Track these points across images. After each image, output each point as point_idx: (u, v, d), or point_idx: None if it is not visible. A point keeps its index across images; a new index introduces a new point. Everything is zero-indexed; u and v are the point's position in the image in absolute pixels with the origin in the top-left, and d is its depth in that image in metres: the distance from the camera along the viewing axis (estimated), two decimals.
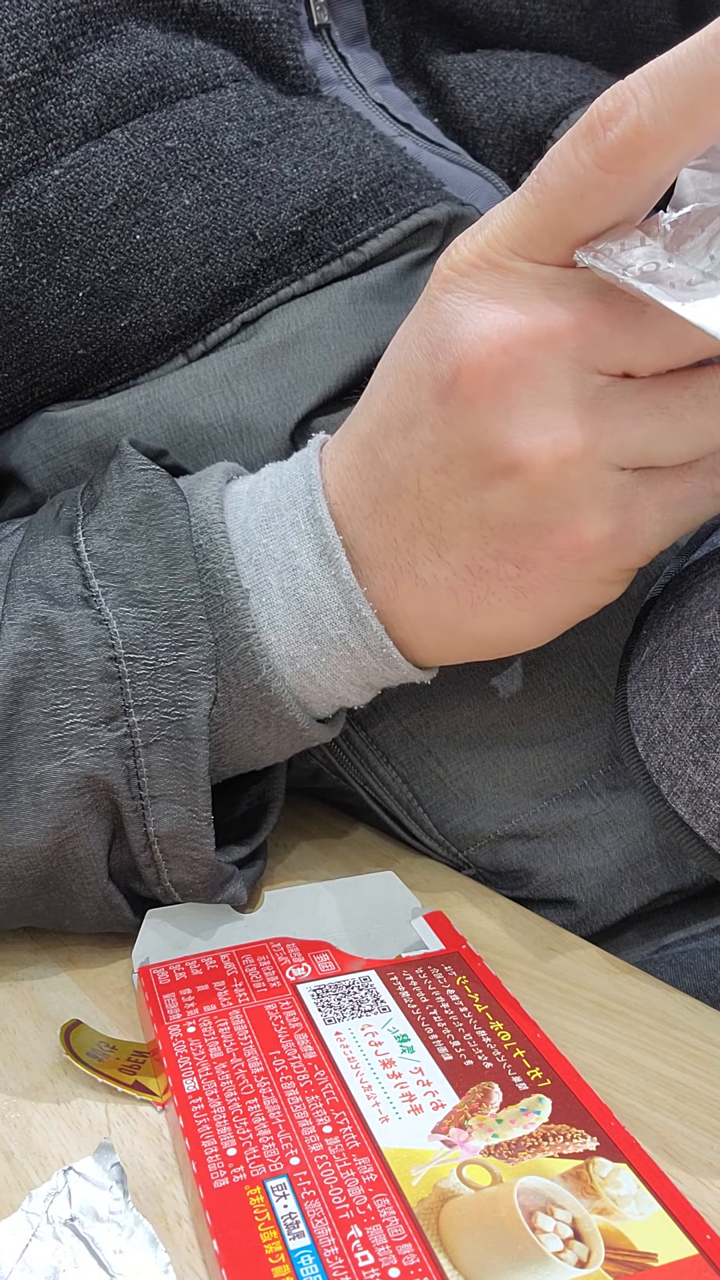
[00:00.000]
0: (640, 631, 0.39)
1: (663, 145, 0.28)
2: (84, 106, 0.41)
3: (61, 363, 0.44)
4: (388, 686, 0.40)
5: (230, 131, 0.43)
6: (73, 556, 0.38)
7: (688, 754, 0.34)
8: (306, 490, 0.37)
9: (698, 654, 0.35)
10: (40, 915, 0.40)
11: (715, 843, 0.34)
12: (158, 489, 0.38)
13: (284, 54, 0.45)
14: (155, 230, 0.42)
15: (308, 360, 0.43)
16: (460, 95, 0.48)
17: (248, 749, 0.39)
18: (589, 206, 0.30)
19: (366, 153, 0.44)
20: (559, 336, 0.31)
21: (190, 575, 0.37)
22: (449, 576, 0.35)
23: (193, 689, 0.37)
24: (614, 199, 0.29)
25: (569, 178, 0.30)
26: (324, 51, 0.47)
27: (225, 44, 0.44)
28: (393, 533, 0.35)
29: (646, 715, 0.36)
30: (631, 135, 0.28)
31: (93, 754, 0.36)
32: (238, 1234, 0.27)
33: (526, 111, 0.48)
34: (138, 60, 0.42)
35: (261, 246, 0.42)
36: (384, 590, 0.36)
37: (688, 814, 0.35)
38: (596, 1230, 0.27)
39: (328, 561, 0.36)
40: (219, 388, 0.43)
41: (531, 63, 0.49)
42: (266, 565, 0.37)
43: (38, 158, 0.41)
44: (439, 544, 0.35)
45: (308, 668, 0.38)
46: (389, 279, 0.44)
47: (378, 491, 0.35)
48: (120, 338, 0.43)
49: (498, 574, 0.34)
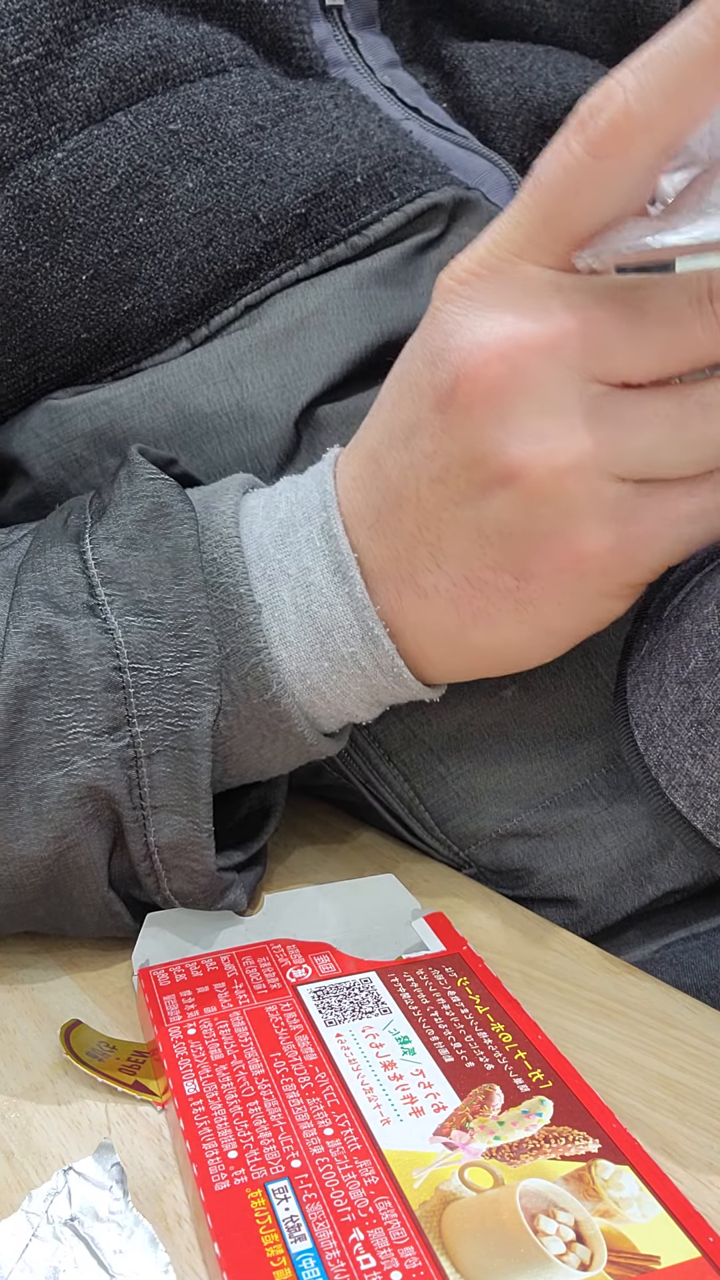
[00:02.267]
0: (640, 625, 0.39)
1: (651, 126, 0.28)
2: (87, 90, 0.41)
3: (65, 347, 0.44)
4: (395, 703, 0.40)
5: (234, 115, 0.42)
6: (79, 564, 0.38)
7: (686, 747, 0.34)
8: (321, 506, 0.37)
9: (696, 648, 0.34)
10: (40, 921, 0.40)
11: (713, 836, 0.34)
12: (166, 498, 0.38)
13: (291, 35, 0.45)
14: (158, 213, 0.42)
15: (312, 347, 0.42)
16: (475, 79, 0.48)
17: (254, 761, 0.39)
18: (586, 198, 0.30)
19: (371, 136, 0.44)
20: (557, 343, 0.31)
21: (196, 585, 0.37)
22: (449, 587, 0.35)
23: (197, 700, 0.36)
24: (609, 187, 0.30)
25: (563, 171, 0.30)
26: (334, 33, 0.46)
27: (230, 27, 0.44)
28: (395, 543, 0.35)
29: (645, 709, 0.36)
30: (620, 119, 0.28)
31: (95, 764, 0.36)
32: (239, 1237, 0.27)
33: (544, 98, 0.48)
34: (141, 44, 0.42)
35: (265, 229, 0.42)
36: (389, 602, 0.36)
37: (686, 807, 0.35)
38: (599, 1233, 0.27)
39: (341, 579, 0.36)
40: (223, 375, 0.43)
41: (546, 55, 0.49)
42: (280, 581, 0.37)
43: (41, 141, 0.41)
44: (438, 554, 0.35)
45: (318, 684, 0.37)
46: (393, 263, 0.44)
47: (380, 502, 0.35)
48: (123, 321, 0.43)
49: (496, 585, 0.34)
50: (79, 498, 0.42)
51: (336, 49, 0.46)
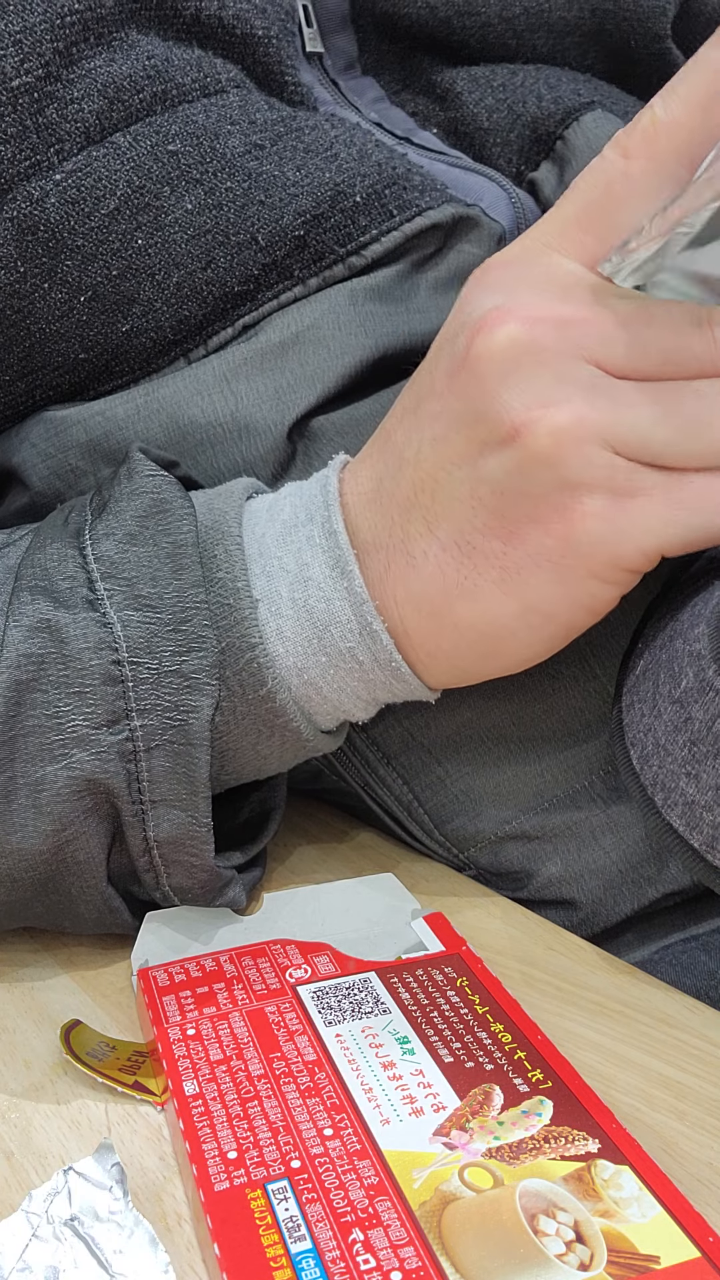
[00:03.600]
0: (635, 645, 0.39)
1: (675, 129, 0.32)
2: (86, 111, 0.41)
3: (62, 366, 0.44)
4: (392, 702, 0.40)
5: (232, 135, 0.43)
6: (79, 560, 0.38)
7: (680, 767, 0.34)
8: (324, 505, 0.37)
9: (687, 668, 0.35)
10: (39, 916, 0.40)
11: (709, 854, 0.34)
12: (165, 494, 0.38)
13: (282, 70, 0.46)
14: (157, 235, 0.42)
15: (307, 360, 0.43)
16: (468, 99, 0.49)
17: (251, 758, 0.39)
18: (615, 195, 0.33)
19: (369, 155, 0.44)
20: (570, 322, 0.33)
21: (195, 580, 0.37)
22: (438, 553, 0.35)
23: (195, 694, 0.37)
24: (637, 185, 0.32)
25: (595, 173, 0.33)
26: (318, 78, 0.47)
27: (225, 55, 0.44)
28: (390, 509, 0.36)
29: (640, 728, 0.36)
30: (648, 125, 0.32)
31: (94, 757, 0.36)
32: (239, 1237, 0.27)
33: (537, 111, 0.48)
34: (139, 64, 0.42)
35: (263, 251, 0.42)
36: (378, 574, 0.37)
37: (682, 826, 0.35)
38: (599, 1233, 0.27)
39: (340, 574, 0.36)
40: (218, 387, 0.43)
41: (537, 71, 0.50)
42: (279, 577, 0.37)
43: (40, 163, 0.41)
44: (431, 518, 0.35)
45: (315, 679, 0.38)
46: (389, 280, 0.44)
47: (383, 470, 0.37)
48: (121, 342, 0.43)
49: (484, 550, 0.35)
50: (80, 497, 0.42)
51: (322, 92, 0.48)
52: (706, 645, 0.34)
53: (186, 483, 0.42)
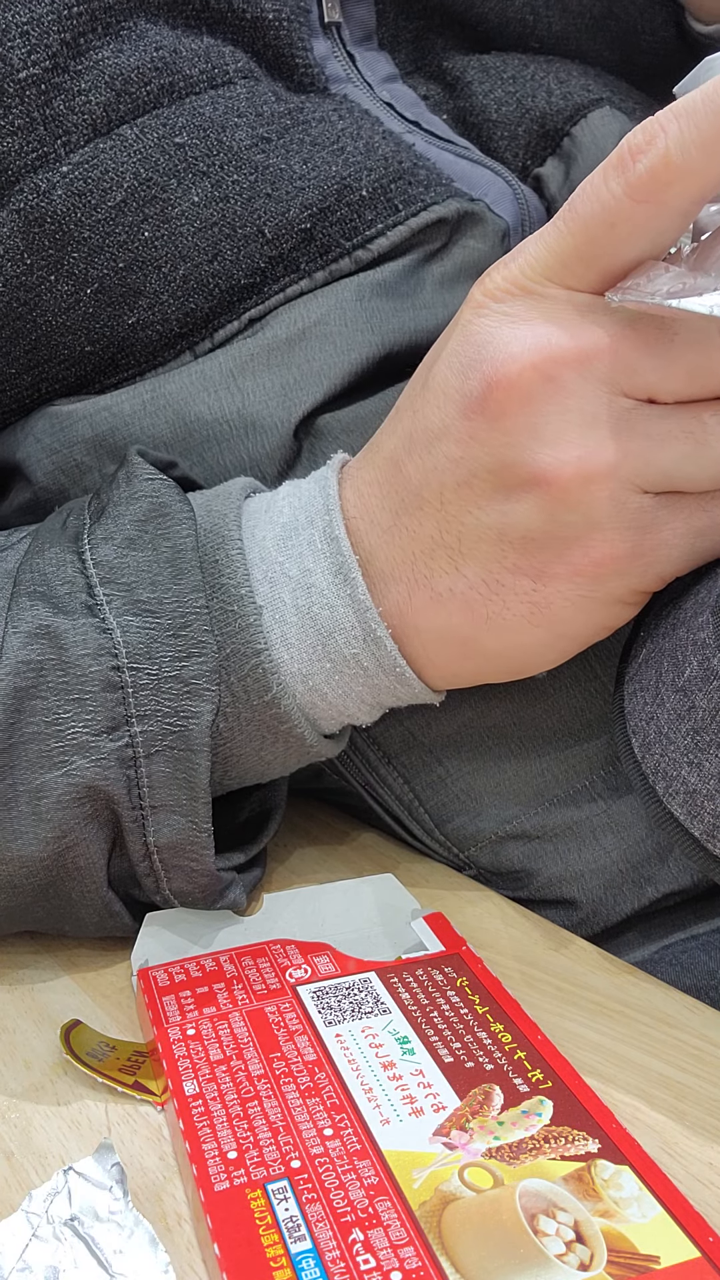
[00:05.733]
0: (638, 633, 0.39)
1: (688, 177, 0.29)
2: (93, 103, 0.41)
3: (68, 359, 0.44)
4: (396, 705, 0.40)
5: (240, 127, 0.42)
6: (78, 565, 0.38)
7: (682, 755, 0.34)
8: (324, 509, 0.37)
9: (691, 656, 0.35)
10: (39, 921, 0.40)
11: (710, 844, 0.34)
12: (165, 499, 0.38)
13: (293, 51, 0.45)
14: (164, 227, 0.42)
15: (313, 357, 0.43)
16: (478, 89, 0.48)
17: (254, 763, 0.39)
18: (619, 235, 0.31)
19: (376, 149, 0.44)
20: (589, 357, 0.32)
21: (195, 585, 0.37)
22: (465, 590, 0.35)
23: (195, 700, 0.37)
24: (642, 228, 0.31)
25: (600, 207, 0.31)
26: (332, 50, 0.47)
27: (235, 41, 0.44)
28: (412, 546, 0.36)
29: (642, 717, 0.36)
30: (659, 167, 0.29)
31: (94, 764, 0.36)
32: (239, 1238, 0.27)
33: (546, 107, 0.48)
34: (147, 56, 0.42)
35: (270, 244, 0.42)
36: (398, 604, 0.36)
37: (683, 815, 0.35)
38: (599, 1233, 0.27)
39: (343, 580, 0.36)
40: (224, 383, 0.43)
41: (548, 64, 0.50)
42: (281, 583, 0.37)
43: (47, 154, 0.41)
44: (458, 557, 0.35)
45: (319, 685, 0.38)
46: (396, 276, 0.44)
47: (398, 505, 0.36)
48: (128, 335, 0.43)
49: (514, 588, 0.35)
50: (78, 500, 0.42)
51: (336, 65, 0.47)
52: (711, 633, 0.34)
53: (185, 483, 0.42)
